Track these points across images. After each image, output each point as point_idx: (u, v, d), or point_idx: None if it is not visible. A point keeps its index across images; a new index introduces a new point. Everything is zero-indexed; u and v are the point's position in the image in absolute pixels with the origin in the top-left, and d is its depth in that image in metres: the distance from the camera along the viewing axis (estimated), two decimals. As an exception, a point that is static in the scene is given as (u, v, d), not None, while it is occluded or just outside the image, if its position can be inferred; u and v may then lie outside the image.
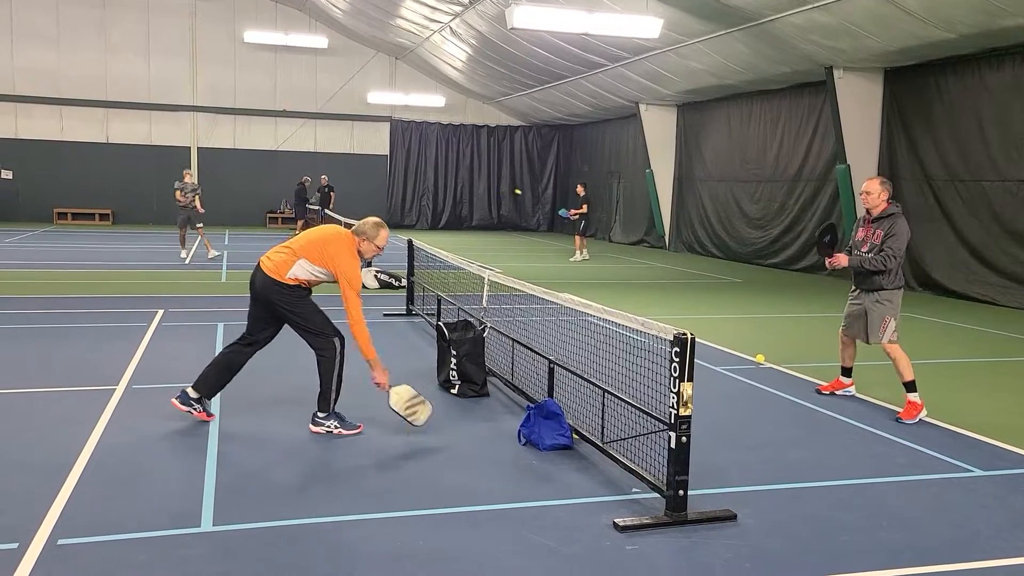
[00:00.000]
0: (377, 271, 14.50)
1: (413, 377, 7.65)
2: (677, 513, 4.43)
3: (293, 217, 27.29)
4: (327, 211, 23.35)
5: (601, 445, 5.32)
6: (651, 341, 5.12)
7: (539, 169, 32.78)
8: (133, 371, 7.59)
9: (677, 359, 4.30)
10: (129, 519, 4.32)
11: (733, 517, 4.52)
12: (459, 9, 20.41)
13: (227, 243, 22.59)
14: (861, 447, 5.97)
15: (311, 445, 5.67)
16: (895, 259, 6.70)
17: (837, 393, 7.37)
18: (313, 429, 5.92)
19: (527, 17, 14.03)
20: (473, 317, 8.06)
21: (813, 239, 17.84)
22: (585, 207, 20.86)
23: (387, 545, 4.12)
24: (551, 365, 6.40)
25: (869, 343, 7.01)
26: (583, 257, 20.68)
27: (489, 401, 6.96)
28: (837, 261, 6.95)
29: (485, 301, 7.76)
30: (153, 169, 28.10)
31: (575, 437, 5.67)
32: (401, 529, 4.32)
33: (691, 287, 15.67)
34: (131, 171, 28.22)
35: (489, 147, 32.22)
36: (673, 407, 4.37)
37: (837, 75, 15.95)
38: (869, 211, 6.93)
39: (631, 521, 4.40)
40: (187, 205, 17.60)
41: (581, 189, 21.42)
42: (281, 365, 7.85)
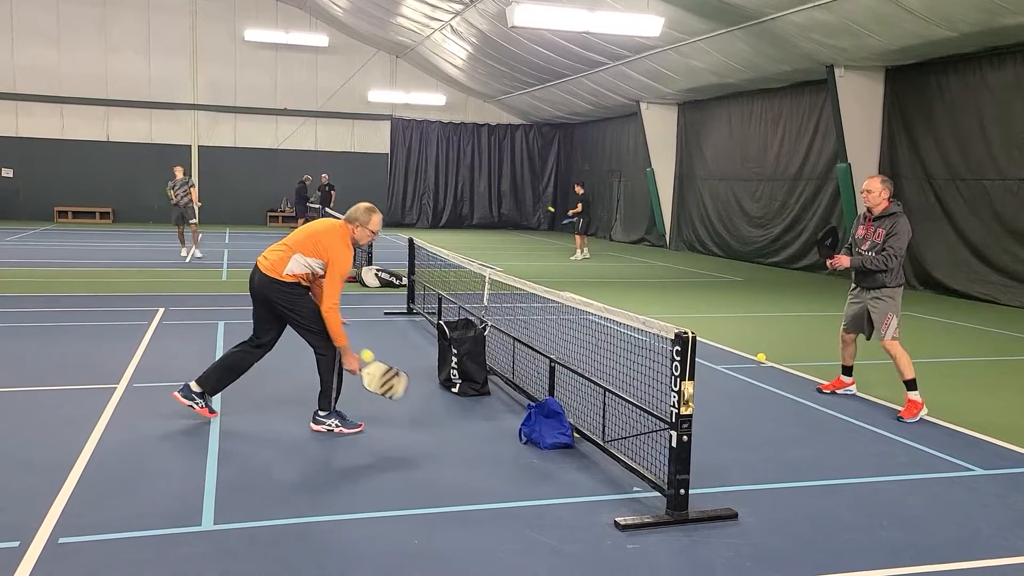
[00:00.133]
0: (378, 270, 14.55)
1: (414, 376, 7.65)
2: (678, 512, 4.43)
3: (294, 216, 27.33)
4: (328, 210, 23.34)
5: (602, 444, 5.33)
6: (652, 340, 5.11)
7: (540, 168, 32.78)
8: (134, 370, 7.60)
9: (678, 358, 4.31)
10: (130, 518, 4.33)
11: (734, 516, 4.52)
12: (460, 7, 20.40)
13: (227, 242, 22.60)
14: (862, 446, 5.97)
15: (312, 444, 5.67)
16: (897, 258, 6.70)
17: (838, 392, 7.37)
18: (314, 427, 5.92)
19: (528, 15, 14.02)
20: (474, 316, 8.06)
21: (814, 238, 17.85)
22: (580, 206, 20.90)
23: (388, 544, 4.12)
24: (552, 364, 6.40)
25: (868, 339, 7.03)
26: (584, 256, 20.68)
27: (490, 400, 6.96)
28: (838, 262, 6.95)
29: (486, 300, 7.76)
30: (154, 167, 28.04)
31: (576, 436, 5.67)
32: (402, 528, 4.32)
33: (692, 286, 15.67)
34: (132, 170, 28.24)
35: (490, 146, 32.22)
36: (674, 406, 4.37)
37: (838, 74, 15.94)
38: (870, 209, 6.94)
39: (632, 520, 4.40)
40: (179, 203, 17.57)
41: (579, 188, 21.45)
42: (283, 364, 7.85)
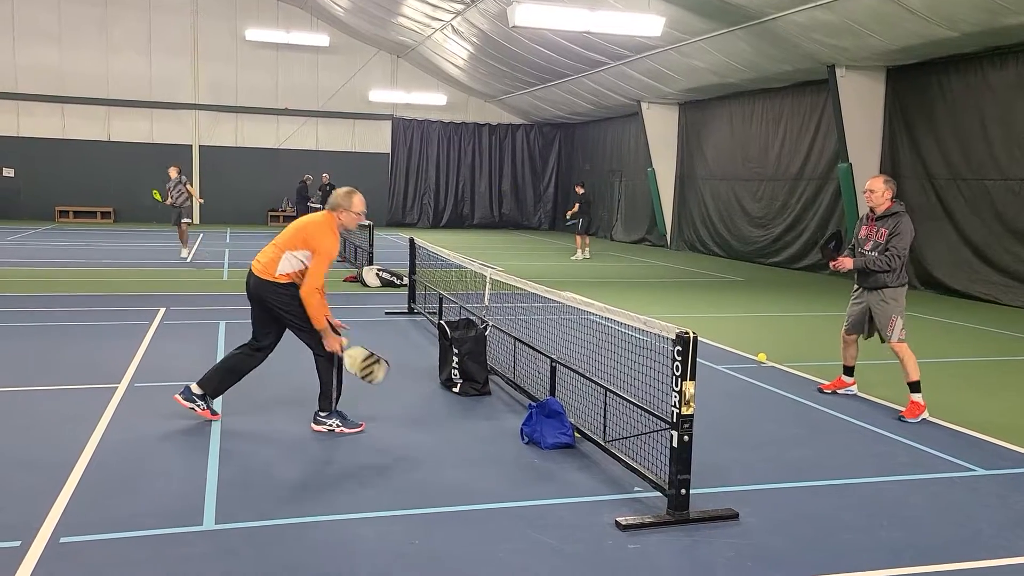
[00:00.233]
0: (379, 270, 14.55)
1: (415, 375, 7.66)
2: (679, 512, 4.43)
3: (295, 215, 27.34)
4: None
5: (603, 444, 5.33)
6: (653, 340, 5.12)
7: (540, 168, 32.78)
8: (135, 369, 7.60)
9: (679, 358, 4.31)
10: (131, 517, 4.33)
11: (735, 516, 4.52)
12: (461, 7, 20.40)
13: (228, 241, 22.61)
14: (863, 446, 5.96)
15: (313, 444, 5.68)
16: (899, 258, 6.70)
17: (839, 392, 7.37)
18: (315, 428, 5.92)
19: (529, 15, 14.02)
20: (475, 316, 8.06)
21: (815, 238, 17.86)
22: (577, 206, 20.95)
23: (389, 543, 4.12)
24: (553, 364, 6.40)
25: (867, 338, 7.03)
26: (585, 256, 20.68)
27: (491, 400, 6.96)
28: (841, 264, 6.95)
29: (487, 300, 7.76)
30: (155, 167, 27.92)
31: (577, 436, 5.67)
32: (403, 527, 4.32)
33: (693, 286, 15.66)
34: (133, 169, 28.23)
35: (491, 145, 32.21)
36: (675, 406, 4.38)
37: (839, 73, 15.94)
38: (872, 210, 6.94)
39: (633, 520, 4.40)
40: (175, 202, 17.56)
41: (580, 188, 21.45)
42: (284, 364, 7.85)
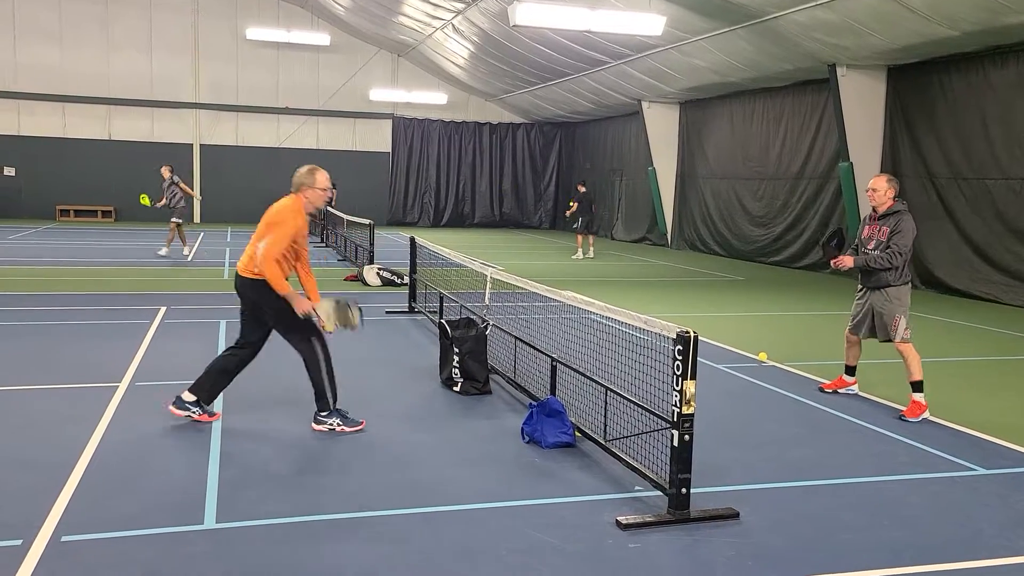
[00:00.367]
0: (380, 269, 14.55)
1: (416, 374, 7.67)
2: (680, 511, 4.44)
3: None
4: (329, 208, 23.33)
5: (604, 443, 5.33)
6: (654, 339, 5.12)
7: (541, 167, 32.77)
8: (136, 368, 7.60)
9: (680, 357, 4.31)
10: (132, 516, 4.33)
11: (735, 515, 4.52)
12: (461, 6, 20.39)
13: (229, 240, 22.61)
14: (863, 445, 5.96)
15: (313, 443, 5.68)
16: (900, 255, 6.70)
17: (840, 391, 7.36)
18: (315, 427, 5.92)
19: (530, 14, 14.01)
20: (475, 315, 8.06)
21: (815, 237, 17.84)
22: (575, 205, 20.94)
23: (389, 542, 4.12)
24: (553, 363, 6.41)
25: (880, 340, 6.99)
26: (589, 255, 20.65)
27: (491, 399, 6.96)
28: (842, 262, 6.95)
29: (487, 299, 7.76)
30: (156, 166, 27.92)
31: (577, 435, 5.67)
32: (404, 526, 4.32)
33: (693, 285, 15.66)
34: (133, 168, 28.20)
35: (491, 144, 32.21)
36: (676, 405, 4.38)
37: (840, 72, 15.93)
38: (875, 209, 6.94)
39: (634, 519, 4.40)
40: (171, 204, 17.54)
41: (581, 187, 21.44)
42: (284, 363, 7.85)
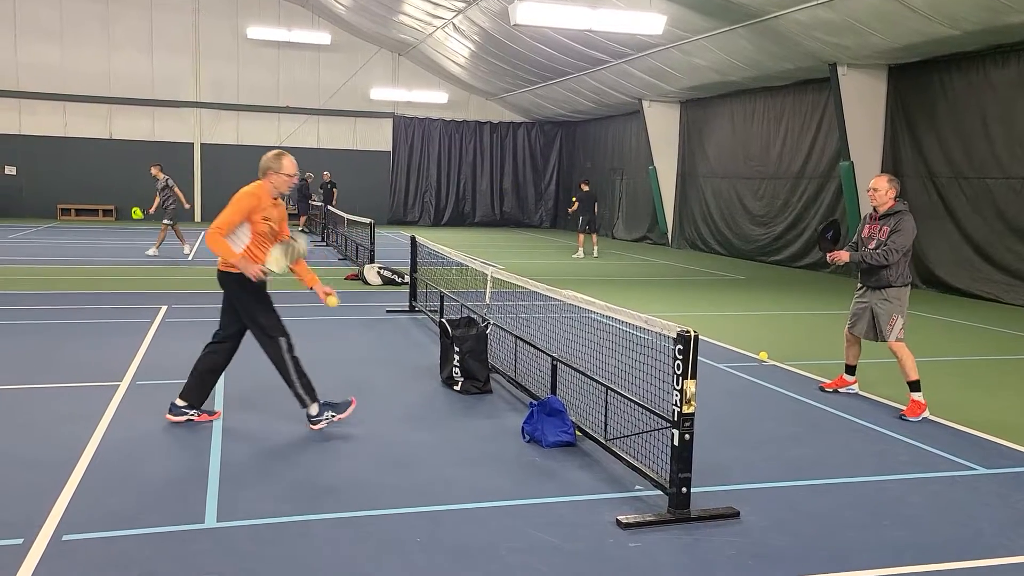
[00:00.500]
0: (380, 267, 14.54)
1: (416, 373, 7.67)
2: (680, 510, 4.44)
3: (296, 214, 27.34)
4: (330, 207, 23.37)
5: (604, 442, 5.33)
6: (654, 338, 5.12)
7: (542, 166, 32.77)
8: (137, 367, 7.61)
9: (680, 356, 4.31)
10: (133, 515, 4.34)
11: (736, 514, 4.52)
12: (462, 5, 20.39)
13: (230, 239, 22.59)
14: (864, 445, 5.97)
15: (314, 441, 5.68)
16: (897, 253, 6.69)
17: (840, 391, 7.36)
18: (314, 427, 5.88)
19: (530, 13, 14.01)
20: (476, 314, 8.06)
21: (816, 235, 17.83)
22: (576, 204, 20.97)
23: (390, 541, 4.13)
24: (554, 362, 6.41)
25: (877, 341, 7.00)
26: (593, 255, 20.64)
27: (492, 398, 6.96)
28: (838, 256, 6.95)
29: (488, 298, 7.76)
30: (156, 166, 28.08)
31: (578, 434, 5.68)
32: (404, 525, 4.32)
33: (694, 284, 15.66)
34: (134, 167, 28.20)
35: (492, 143, 32.21)
36: (676, 404, 4.38)
37: (841, 72, 15.92)
38: (876, 208, 6.94)
39: (634, 518, 4.40)
40: (164, 204, 17.50)
41: (584, 186, 21.42)
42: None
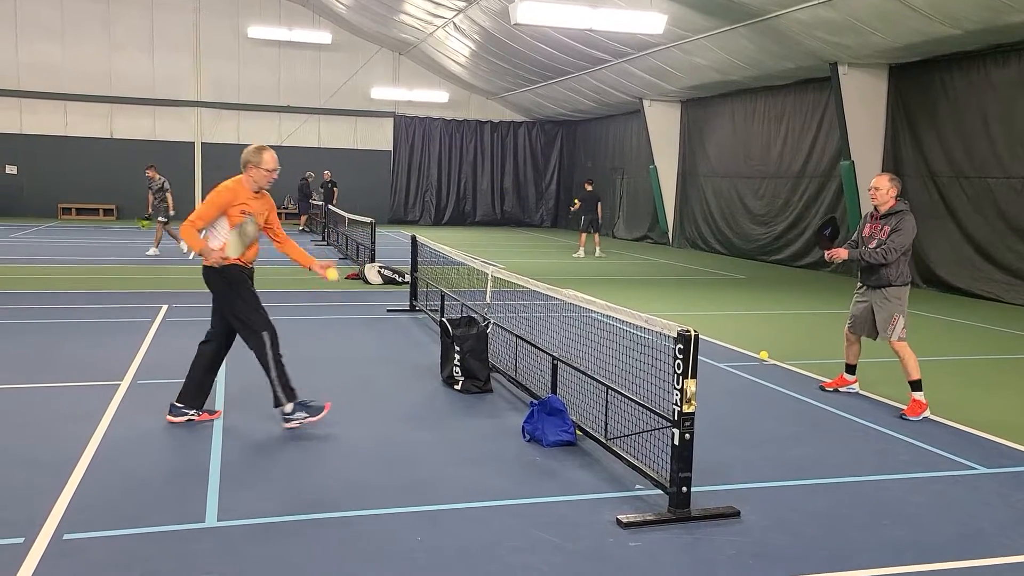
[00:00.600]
0: (381, 267, 14.55)
1: (417, 373, 7.67)
2: (680, 510, 4.44)
3: (297, 213, 27.37)
4: (331, 207, 23.37)
5: (604, 442, 5.33)
6: (655, 338, 5.12)
7: (542, 165, 32.76)
8: (137, 366, 7.61)
9: (681, 356, 4.31)
10: (134, 514, 4.34)
11: (736, 514, 4.52)
12: (463, 5, 20.39)
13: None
14: (864, 444, 5.97)
15: (315, 441, 5.68)
16: (896, 252, 6.70)
17: (841, 390, 7.36)
18: (285, 426, 5.82)
19: (531, 13, 14.01)
20: (476, 313, 8.07)
21: (815, 234, 17.83)
22: (578, 203, 20.95)
23: (391, 541, 4.13)
24: (554, 361, 6.41)
25: (876, 339, 7.00)
26: (597, 255, 20.62)
27: (492, 397, 6.97)
28: (836, 254, 6.95)
29: (488, 297, 7.76)
30: (157, 165, 27.95)
31: (578, 433, 5.68)
32: (404, 525, 4.33)
33: (694, 283, 15.66)
34: (135, 167, 28.17)
35: (492, 143, 32.20)
36: (676, 404, 4.38)
37: (842, 71, 15.91)
38: (877, 208, 6.93)
39: (634, 518, 4.41)
40: (158, 203, 17.50)
41: (588, 186, 21.39)
42: (284, 362, 7.87)
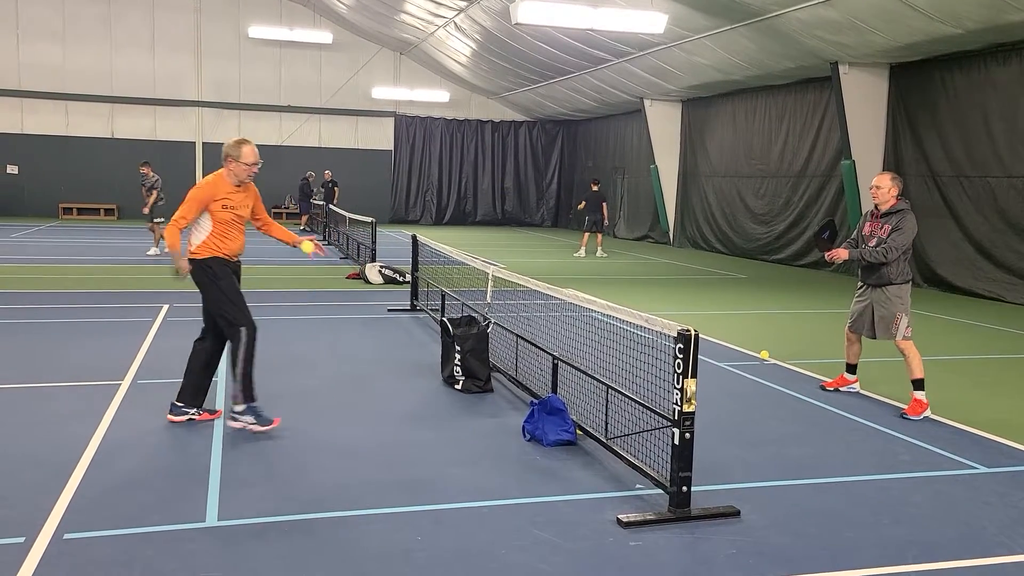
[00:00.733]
0: (381, 266, 14.55)
1: (417, 372, 7.67)
2: (681, 509, 4.44)
3: (298, 212, 27.39)
4: (331, 206, 23.38)
5: (605, 441, 5.33)
6: (655, 337, 5.12)
7: (543, 165, 32.77)
8: (138, 366, 7.62)
9: (681, 355, 4.31)
10: (134, 513, 4.34)
11: (736, 513, 4.52)
12: (464, 4, 20.39)
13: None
14: (865, 443, 5.96)
15: (315, 440, 5.68)
16: (896, 251, 6.70)
17: (841, 390, 7.36)
18: (229, 423, 5.77)
19: (532, 12, 14.01)
20: (477, 313, 8.07)
21: (814, 238, 17.82)
22: (583, 203, 20.98)
23: (391, 540, 4.13)
24: (555, 361, 6.41)
25: (876, 339, 7.00)
26: (601, 255, 20.61)
27: (493, 397, 6.97)
28: (836, 255, 6.96)
29: (489, 297, 7.76)
30: (158, 164, 27.89)
31: (579, 433, 5.68)
32: (405, 524, 4.33)
33: (695, 283, 15.66)
34: (136, 167, 28.21)
35: (493, 142, 32.20)
36: (677, 403, 4.38)
37: (842, 70, 15.91)
38: (878, 206, 6.94)
39: (635, 517, 4.41)
40: (157, 201, 17.54)
41: (593, 186, 21.37)
42: (285, 361, 7.89)
